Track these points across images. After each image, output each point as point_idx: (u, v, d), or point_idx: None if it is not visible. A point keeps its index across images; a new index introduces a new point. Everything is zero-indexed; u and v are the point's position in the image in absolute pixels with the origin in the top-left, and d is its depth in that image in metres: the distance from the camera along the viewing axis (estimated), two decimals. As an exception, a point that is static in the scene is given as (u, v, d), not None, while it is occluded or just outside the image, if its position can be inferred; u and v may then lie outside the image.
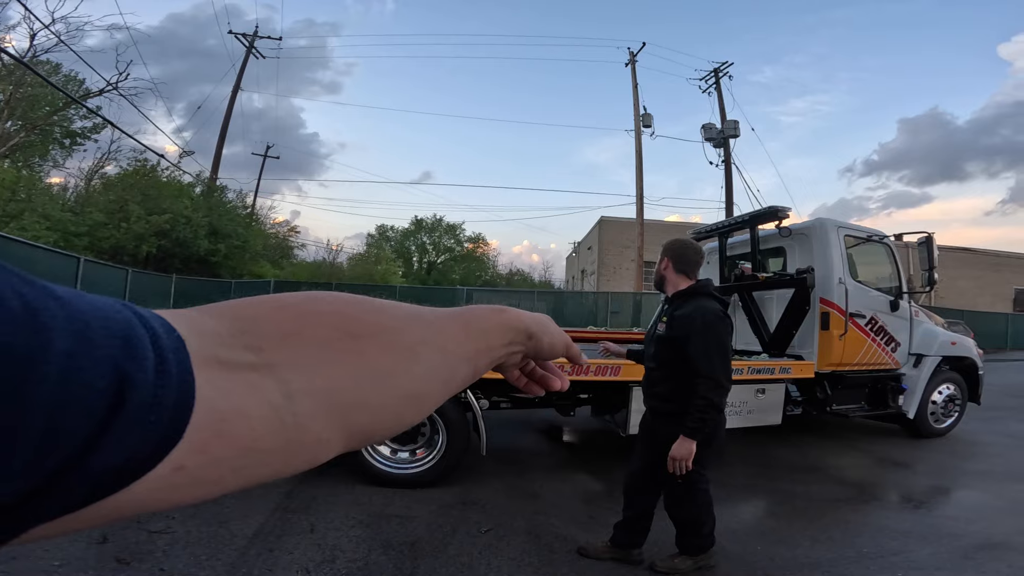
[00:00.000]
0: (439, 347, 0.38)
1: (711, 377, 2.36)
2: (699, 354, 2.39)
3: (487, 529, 3.09)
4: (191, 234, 17.21)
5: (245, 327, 0.29)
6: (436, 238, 42.62)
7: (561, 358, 0.56)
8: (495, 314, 0.47)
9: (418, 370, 0.36)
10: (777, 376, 4.67)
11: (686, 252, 2.68)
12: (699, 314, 2.46)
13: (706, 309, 2.49)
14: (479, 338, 0.43)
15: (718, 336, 2.43)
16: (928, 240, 5.46)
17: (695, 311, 2.48)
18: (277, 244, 30.76)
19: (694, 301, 2.54)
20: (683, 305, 2.56)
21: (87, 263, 9.22)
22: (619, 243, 29.96)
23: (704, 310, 2.48)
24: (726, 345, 2.45)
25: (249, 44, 23.51)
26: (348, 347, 0.32)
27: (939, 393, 5.94)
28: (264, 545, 2.68)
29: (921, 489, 4.35)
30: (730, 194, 21.91)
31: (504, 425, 5.46)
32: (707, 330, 2.42)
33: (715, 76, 22.99)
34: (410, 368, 0.35)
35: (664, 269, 2.71)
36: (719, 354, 2.40)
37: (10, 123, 16.72)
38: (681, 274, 2.66)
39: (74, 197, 17.38)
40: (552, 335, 0.52)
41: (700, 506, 2.62)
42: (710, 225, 6.56)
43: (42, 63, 16.61)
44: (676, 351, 2.50)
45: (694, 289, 2.61)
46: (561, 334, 0.54)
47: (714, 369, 2.37)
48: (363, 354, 0.33)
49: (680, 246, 2.72)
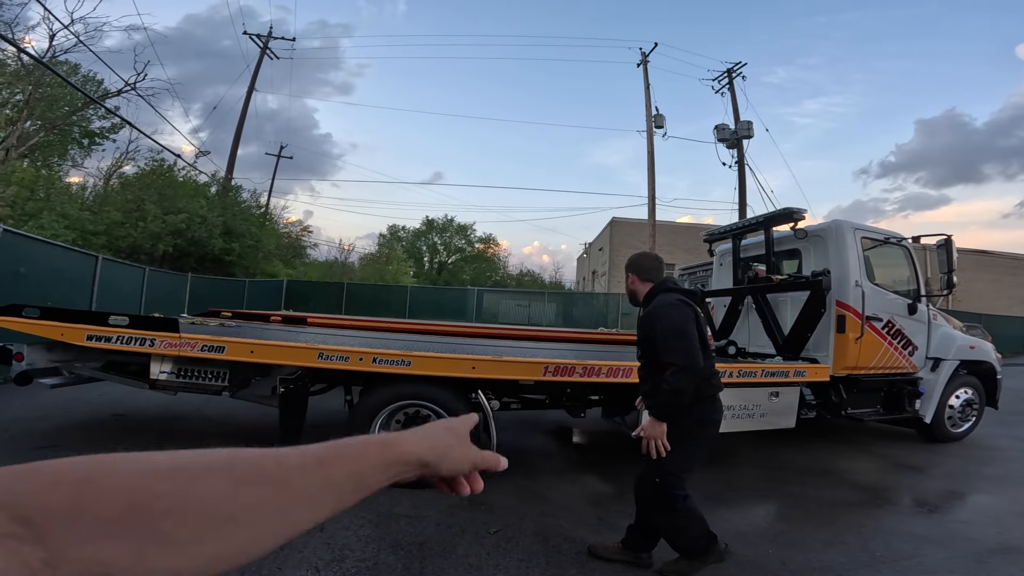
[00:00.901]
0: (256, 505, 0.38)
1: (671, 363, 2.45)
2: (661, 345, 2.51)
3: (495, 530, 3.07)
4: (206, 233, 17.39)
5: (17, 502, 0.30)
6: (447, 238, 42.76)
7: None
8: (382, 450, 0.49)
9: (226, 533, 0.36)
10: (791, 379, 4.61)
11: (643, 262, 2.90)
12: (655, 308, 2.64)
13: (660, 302, 2.64)
14: (344, 480, 0.45)
15: (671, 322, 2.53)
16: (947, 242, 5.37)
17: (653, 307, 2.66)
18: (290, 244, 31.00)
19: (654, 300, 2.71)
20: (647, 306, 2.74)
21: (105, 261, 9.34)
22: (631, 244, 29.81)
23: (658, 303, 2.64)
24: (681, 328, 2.51)
25: (263, 45, 23.75)
26: (133, 523, 0.33)
27: (956, 397, 5.87)
28: (272, 543, 2.68)
29: (935, 493, 4.31)
30: (743, 195, 21.70)
31: (514, 426, 5.45)
32: (661, 319, 2.55)
33: (728, 77, 22.79)
34: (209, 535, 0.35)
35: (632, 284, 2.89)
36: (675, 338, 2.49)
37: (29, 123, 17.02)
38: (647, 282, 2.83)
39: (92, 196, 17.63)
40: (453, 461, 0.55)
41: (677, 511, 2.60)
42: (724, 227, 6.50)
43: (61, 63, 16.87)
44: (649, 349, 2.64)
45: (653, 289, 2.78)
46: (467, 456, 0.56)
47: (672, 354, 2.46)
48: (150, 527, 0.33)
49: (637, 258, 2.94)
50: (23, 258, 6.82)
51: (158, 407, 5.43)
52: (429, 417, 3.73)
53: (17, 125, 15.77)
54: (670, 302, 2.63)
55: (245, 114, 22.94)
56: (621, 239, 30.48)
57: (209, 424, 5.03)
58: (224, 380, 3.69)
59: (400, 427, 3.71)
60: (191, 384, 3.64)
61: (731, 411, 4.29)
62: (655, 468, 2.57)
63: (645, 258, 2.95)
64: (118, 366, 3.94)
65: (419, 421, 3.72)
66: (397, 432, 0.52)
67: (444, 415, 3.67)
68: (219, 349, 3.43)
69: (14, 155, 15.52)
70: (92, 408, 5.25)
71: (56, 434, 4.28)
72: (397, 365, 3.53)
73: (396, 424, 3.71)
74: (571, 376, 3.80)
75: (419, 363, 3.56)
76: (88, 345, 3.41)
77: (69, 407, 5.16)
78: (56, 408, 5.09)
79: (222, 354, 3.43)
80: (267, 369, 3.85)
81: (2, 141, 15.50)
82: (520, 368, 3.76)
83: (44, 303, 3.69)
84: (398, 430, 2.83)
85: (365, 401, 3.67)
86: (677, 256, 25.56)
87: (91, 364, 3.93)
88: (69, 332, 3.39)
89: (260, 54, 23.69)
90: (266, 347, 3.51)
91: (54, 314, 3.45)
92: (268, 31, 23.86)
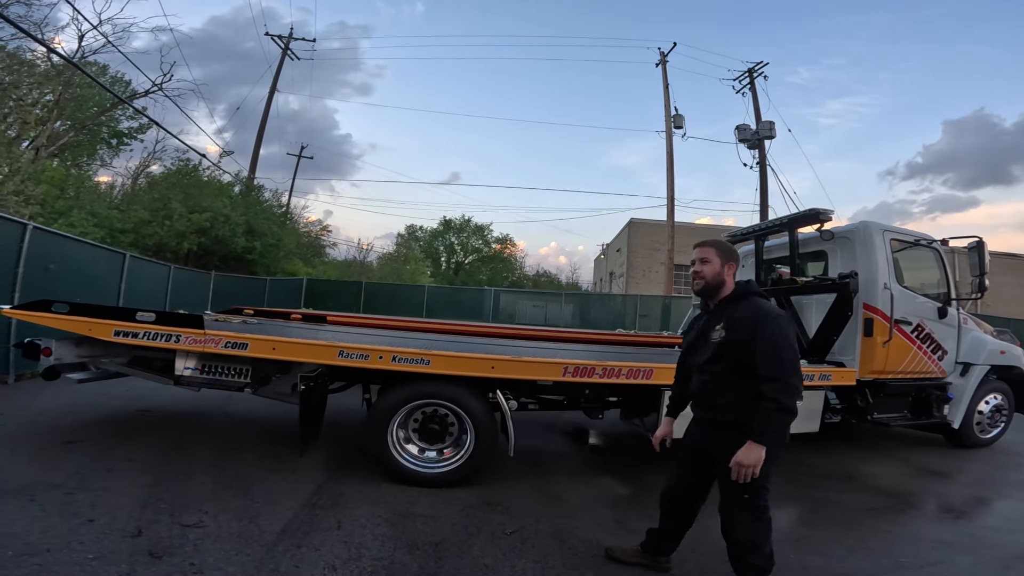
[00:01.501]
0: None
1: (779, 379, 2.16)
2: (767, 355, 2.19)
3: (511, 531, 3.06)
4: (229, 232, 17.70)
5: None
6: (464, 239, 42.90)
7: None
8: None
9: None
10: (816, 383, 4.52)
11: (732, 248, 2.57)
12: (758, 311, 2.32)
13: (765, 306, 2.35)
14: None
15: (783, 333, 2.25)
16: (979, 245, 5.24)
17: (755, 310, 2.33)
18: (310, 243, 31.39)
19: (750, 301, 2.39)
20: (739, 306, 2.39)
21: (132, 259, 9.54)
22: (649, 245, 29.61)
23: (763, 307, 2.34)
24: (792, 342, 2.26)
25: (284, 46, 24.10)
26: None
27: (986, 403, 5.76)
28: (292, 541, 2.71)
29: (961, 499, 4.25)
30: (765, 196, 21.36)
31: (530, 426, 5.43)
32: (769, 326, 2.25)
33: (749, 76, 22.46)
34: None
35: (713, 269, 2.49)
36: (788, 353, 2.22)
37: (59, 123, 17.50)
38: (729, 274, 2.51)
39: (120, 195, 18.08)
40: None
41: (762, 524, 2.34)
42: (747, 228, 6.41)
43: (90, 64, 17.32)
44: (739, 355, 2.30)
45: (747, 289, 2.46)
46: None
47: (784, 370, 2.18)
48: None
49: (731, 246, 2.59)
50: (53, 255, 7.00)
51: (182, 403, 5.53)
52: (447, 416, 3.73)
53: (47, 125, 16.22)
54: (777, 311, 2.37)
55: (267, 114, 23.31)
56: (639, 240, 30.26)
57: (231, 420, 5.10)
58: (246, 377, 3.73)
59: (417, 426, 3.72)
60: (214, 380, 3.69)
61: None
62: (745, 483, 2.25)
63: (736, 254, 2.60)
64: (144, 362, 4.01)
65: (436, 420, 3.72)
66: None
67: (462, 414, 3.67)
68: (242, 346, 3.47)
69: (44, 154, 15.97)
70: (118, 403, 5.37)
71: (82, 428, 4.39)
72: (416, 364, 3.54)
73: (414, 423, 3.72)
74: (591, 377, 3.77)
75: (438, 362, 3.56)
76: (115, 340, 3.47)
77: (95, 402, 5.28)
78: (82, 402, 5.21)
79: (245, 351, 3.47)
80: (288, 366, 3.89)
81: (32, 141, 15.96)
82: (540, 368, 3.74)
83: (73, 299, 3.77)
84: (415, 428, 2.80)
85: (383, 399, 3.68)
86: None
87: (117, 359, 4.01)
88: (97, 327, 3.46)
89: (281, 55, 24.05)
90: (288, 344, 3.54)
91: (82, 310, 3.53)
92: (289, 32, 24.22)
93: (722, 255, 2.50)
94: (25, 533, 2.51)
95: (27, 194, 10.88)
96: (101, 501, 2.95)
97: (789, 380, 2.17)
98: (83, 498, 2.97)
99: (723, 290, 2.50)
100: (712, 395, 2.44)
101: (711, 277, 2.49)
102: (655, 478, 4.21)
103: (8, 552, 2.32)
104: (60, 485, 3.12)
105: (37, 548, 2.39)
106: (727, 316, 2.40)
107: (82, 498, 2.97)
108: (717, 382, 2.42)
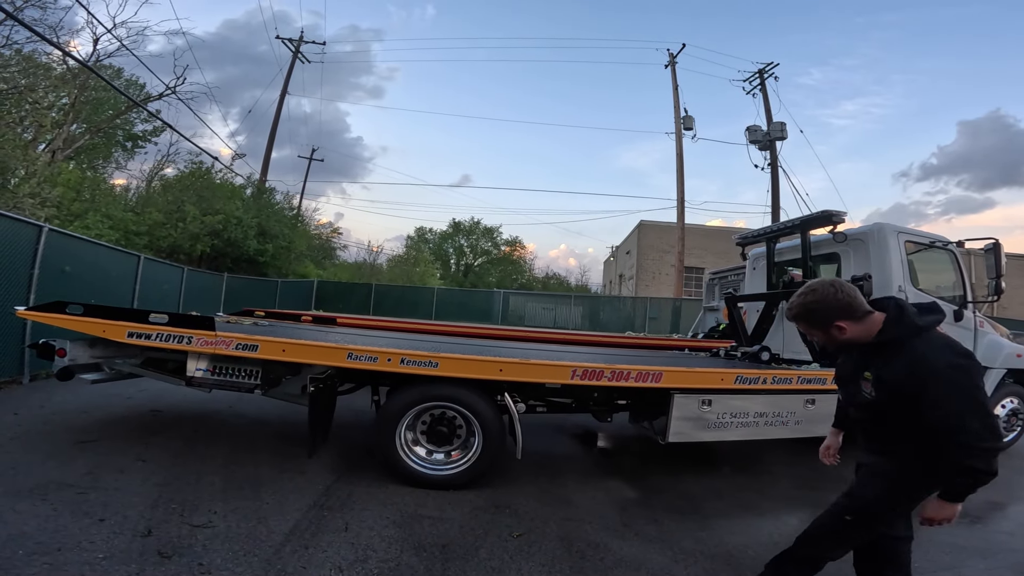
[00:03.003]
0: None
1: (968, 446, 1.74)
2: (948, 425, 1.76)
3: (519, 534, 3.05)
4: (241, 234, 17.89)
5: None
6: (473, 241, 43.05)
7: None
8: None
9: None
10: (829, 386, 4.45)
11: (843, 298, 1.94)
12: (927, 370, 1.79)
13: (935, 358, 1.80)
14: None
15: (970, 389, 1.77)
16: (995, 247, 5.15)
17: (917, 367, 1.81)
18: (320, 245, 31.62)
19: (907, 349, 1.86)
20: (891, 360, 1.88)
21: (146, 261, 9.65)
22: (659, 247, 29.47)
23: (932, 361, 1.80)
24: (983, 398, 1.80)
25: (295, 49, 24.33)
26: None
27: (1002, 407, 5.68)
28: (300, 542, 2.72)
29: (976, 503, 4.14)
30: (776, 198, 21.19)
31: (539, 429, 5.41)
32: (950, 391, 1.76)
33: (760, 77, 22.33)
34: None
35: (840, 334, 1.95)
36: (976, 417, 1.75)
37: (75, 126, 17.79)
38: (864, 316, 1.94)
39: (135, 197, 18.32)
40: None
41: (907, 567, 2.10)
42: (758, 230, 6.36)
43: (105, 67, 17.59)
44: (907, 409, 1.86)
45: (897, 333, 1.89)
46: None
47: (974, 438, 1.74)
48: None
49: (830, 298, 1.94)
50: (68, 257, 7.09)
51: (193, 404, 5.58)
52: (455, 419, 3.73)
53: (63, 128, 16.50)
54: (957, 352, 1.83)
55: (279, 117, 23.54)
56: (649, 242, 30.14)
57: (242, 421, 5.14)
58: (257, 378, 3.76)
59: (426, 428, 3.72)
60: (225, 382, 3.72)
61: (764, 418, 4.18)
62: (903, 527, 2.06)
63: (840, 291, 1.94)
64: (156, 363, 4.05)
65: (444, 422, 3.72)
66: None
67: (470, 417, 3.67)
68: (252, 348, 3.49)
69: (60, 157, 16.25)
70: (131, 404, 5.43)
71: (95, 428, 4.44)
72: (425, 366, 3.54)
73: (422, 425, 3.72)
74: (599, 380, 3.75)
75: (446, 364, 3.56)
76: (129, 342, 3.51)
77: (108, 402, 5.35)
78: (96, 403, 5.28)
79: (255, 352, 3.49)
80: (298, 368, 3.90)
81: (49, 143, 16.24)
82: (548, 371, 3.72)
83: (87, 301, 3.82)
84: (423, 431, 2.80)
85: (392, 401, 3.69)
86: (707, 260, 25.12)
87: (131, 360, 4.06)
88: (111, 329, 3.50)
89: (292, 57, 24.29)
90: (297, 346, 3.56)
91: (96, 311, 3.57)
92: (299, 35, 24.44)
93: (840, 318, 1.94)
94: (37, 532, 2.54)
95: (43, 196, 11.06)
96: (112, 501, 2.98)
97: (982, 446, 1.74)
98: (95, 498, 3.01)
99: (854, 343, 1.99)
100: (882, 440, 2.07)
101: (835, 345, 2.01)
102: (663, 481, 4.18)
103: (19, 551, 2.35)
104: (72, 485, 3.16)
105: (48, 547, 2.41)
106: (875, 371, 1.93)
107: (94, 498, 3.00)
108: (886, 431, 2.03)
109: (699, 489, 4.07)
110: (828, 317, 1.94)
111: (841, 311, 1.92)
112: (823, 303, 1.94)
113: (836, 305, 1.92)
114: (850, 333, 1.93)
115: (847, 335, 1.94)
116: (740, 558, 2.94)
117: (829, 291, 1.94)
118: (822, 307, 1.95)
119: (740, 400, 4.08)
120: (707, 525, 3.38)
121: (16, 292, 6.04)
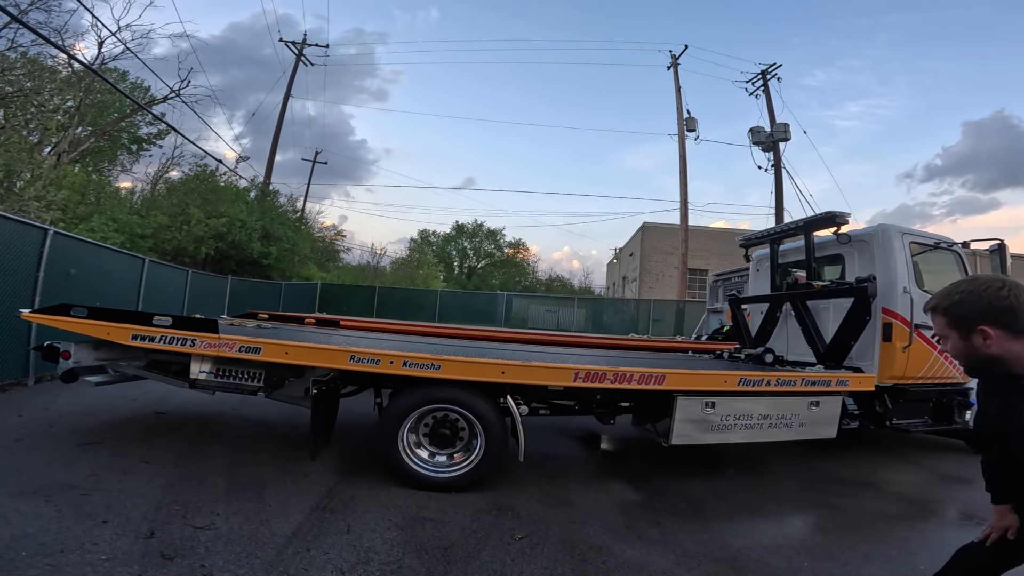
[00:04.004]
0: None
1: None
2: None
3: (521, 536, 3.03)
4: (245, 237, 17.95)
5: None
6: (477, 243, 43.08)
7: None
8: None
9: None
10: (833, 388, 4.44)
11: (1016, 299, 1.41)
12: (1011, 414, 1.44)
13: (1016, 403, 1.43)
14: None
15: None
16: (1000, 247, 5.14)
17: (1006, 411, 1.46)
18: (324, 248, 31.71)
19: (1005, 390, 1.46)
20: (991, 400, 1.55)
21: (151, 263, 9.69)
22: (662, 249, 29.43)
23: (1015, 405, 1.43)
24: None
25: (298, 52, 24.45)
26: None
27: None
28: (302, 544, 2.71)
29: (983, 506, 4.05)
30: (780, 199, 21.14)
31: (541, 431, 5.40)
32: None
33: (763, 78, 22.30)
34: None
35: (984, 345, 1.44)
36: None
37: (80, 128, 17.89)
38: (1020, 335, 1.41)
39: (140, 200, 18.41)
40: None
41: None
42: (762, 231, 6.35)
43: (110, 71, 17.70)
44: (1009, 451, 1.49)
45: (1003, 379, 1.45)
46: None
47: None
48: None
49: (1003, 292, 1.42)
50: (74, 260, 7.13)
51: (197, 406, 5.59)
52: (457, 421, 3.72)
53: (69, 131, 16.59)
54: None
55: (282, 120, 23.65)
56: (653, 244, 30.09)
57: (245, 423, 5.15)
58: (260, 380, 3.76)
59: (428, 430, 3.72)
60: (228, 384, 3.73)
61: (768, 420, 4.16)
62: None
63: (1005, 289, 1.42)
64: (160, 365, 4.07)
65: (447, 425, 3.72)
66: None
67: (472, 419, 3.66)
68: (255, 350, 3.50)
69: (66, 160, 16.33)
70: (135, 405, 5.44)
71: (100, 430, 4.45)
72: (427, 369, 3.54)
73: (424, 427, 3.72)
74: (602, 382, 3.74)
75: (449, 367, 3.55)
76: (133, 344, 3.52)
77: (113, 404, 5.37)
78: (100, 405, 5.30)
79: (258, 355, 3.50)
80: (300, 370, 3.91)
81: (54, 146, 16.33)
82: (550, 373, 3.72)
83: (93, 303, 3.84)
84: (426, 433, 2.80)
85: (395, 404, 3.69)
86: (711, 262, 25.07)
87: (135, 363, 4.07)
88: (115, 331, 3.51)
89: (295, 60, 24.42)
90: (300, 349, 3.56)
91: (101, 314, 3.58)
92: (303, 38, 24.57)
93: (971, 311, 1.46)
94: (40, 533, 2.55)
95: (48, 199, 11.12)
96: (116, 502, 2.99)
97: None
98: (98, 499, 3.01)
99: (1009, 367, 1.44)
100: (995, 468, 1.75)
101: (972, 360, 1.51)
102: (666, 483, 4.16)
103: (22, 552, 2.35)
104: (76, 486, 3.17)
105: (51, 549, 2.42)
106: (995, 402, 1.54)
107: (97, 499, 3.01)
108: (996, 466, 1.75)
109: (702, 491, 4.05)
110: (975, 316, 1.45)
111: (994, 314, 1.41)
112: (975, 295, 1.46)
113: (990, 303, 1.42)
114: (997, 348, 1.42)
115: (992, 350, 1.43)
116: (743, 561, 2.92)
117: (991, 285, 1.45)
118: (972, 300, 1.46)
119: (744, 402, 4.07)
120: (710, 528, 3.36)
121: (21, 294, 6.08)
